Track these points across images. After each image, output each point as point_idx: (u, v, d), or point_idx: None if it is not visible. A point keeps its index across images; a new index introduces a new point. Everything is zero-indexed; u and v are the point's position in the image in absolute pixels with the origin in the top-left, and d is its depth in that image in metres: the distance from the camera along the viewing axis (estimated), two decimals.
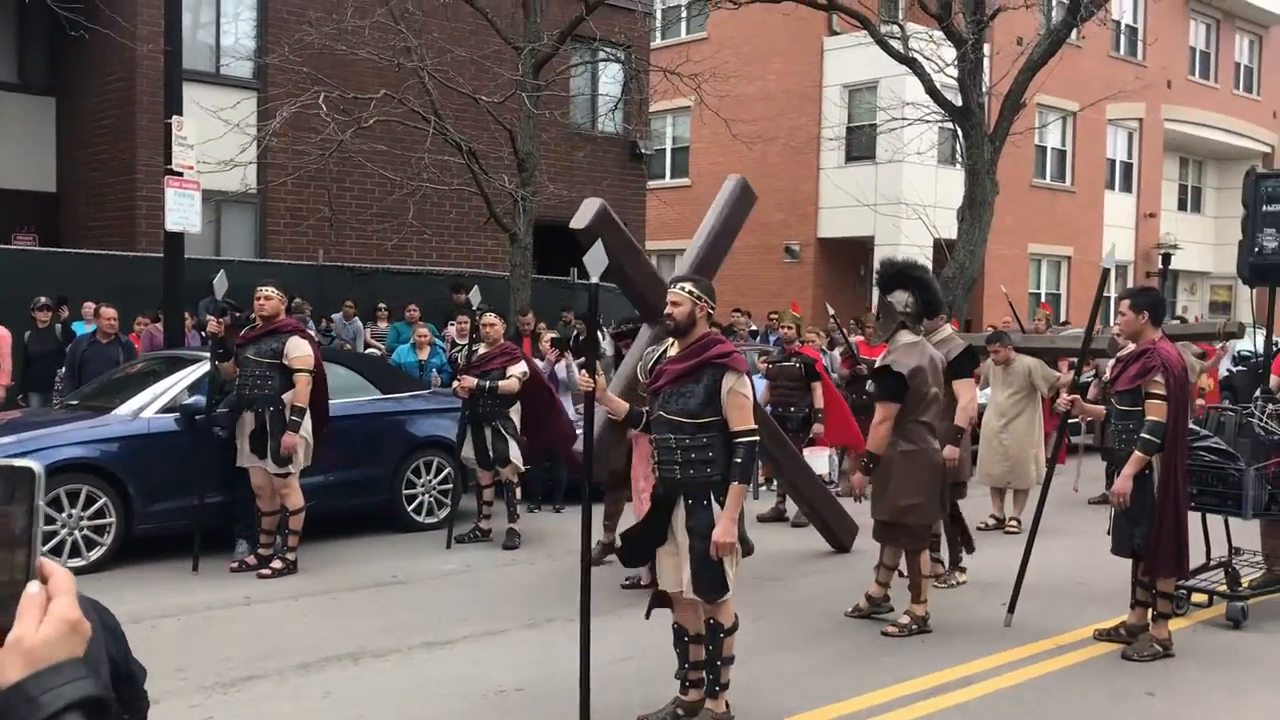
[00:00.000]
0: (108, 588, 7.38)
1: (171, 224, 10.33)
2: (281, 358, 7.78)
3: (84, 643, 1.12)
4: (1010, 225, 23.22)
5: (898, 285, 6.63)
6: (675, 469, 4.71)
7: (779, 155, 24.20)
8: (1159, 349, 6.08)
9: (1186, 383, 6.28)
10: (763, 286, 24.92)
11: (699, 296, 4.81)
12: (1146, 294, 6.50)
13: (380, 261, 16.40)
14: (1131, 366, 6.14)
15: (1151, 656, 6.09)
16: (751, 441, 4.63)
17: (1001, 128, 16.01)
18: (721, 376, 4.67)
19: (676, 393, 4.73)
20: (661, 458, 4.78)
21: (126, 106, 15.11)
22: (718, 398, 4.65)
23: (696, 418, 4.67)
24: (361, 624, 6.54)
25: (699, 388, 4.68)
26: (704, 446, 4.66)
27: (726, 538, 4.58)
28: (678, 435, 4.70)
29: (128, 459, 7.97)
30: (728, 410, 4.65)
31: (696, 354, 4.75)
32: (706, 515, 4.64)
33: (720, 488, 4.64)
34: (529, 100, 13.53)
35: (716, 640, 4.78)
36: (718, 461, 4.66)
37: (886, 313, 6.59)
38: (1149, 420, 5.96)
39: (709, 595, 4.68)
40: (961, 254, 16.12)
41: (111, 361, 10.36)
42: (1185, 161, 32.51)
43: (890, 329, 6.53)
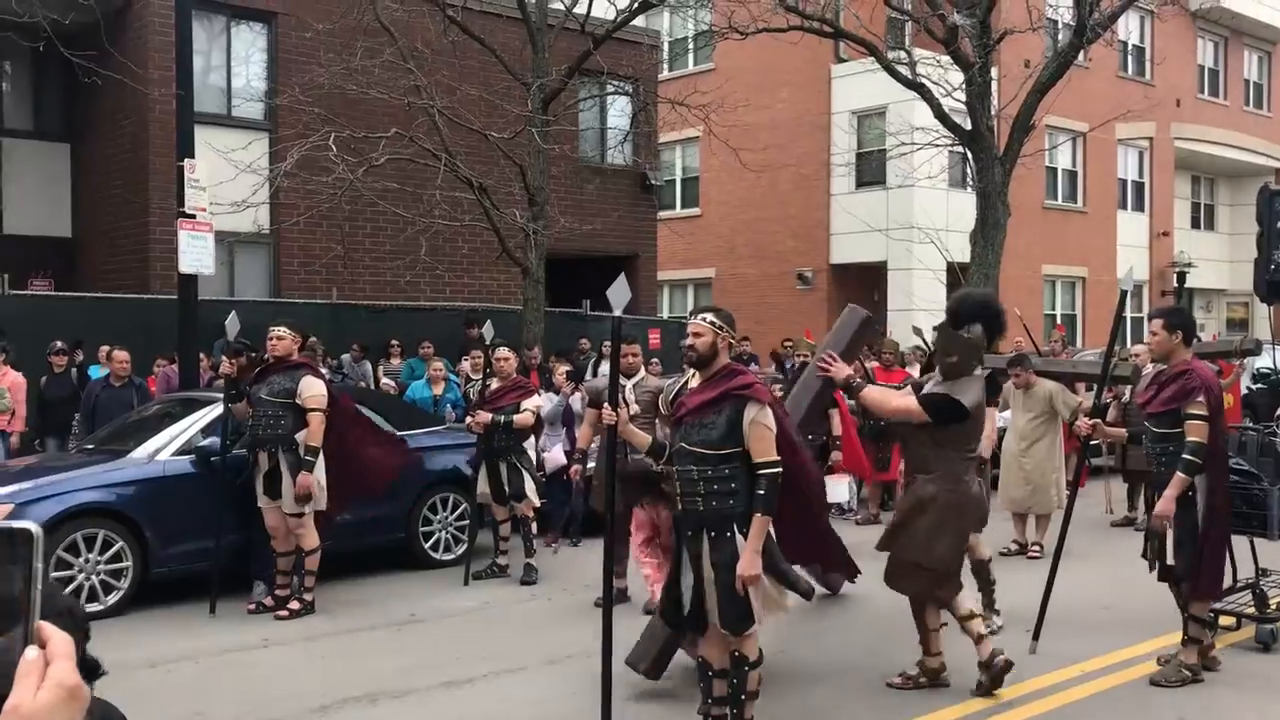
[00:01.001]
0: (124, 632, 7.37)
1: (185, 266, 10.39)
2: (295, 397, 7.78)
3: (83, 710, 1.09)
4: (1023, 247, 23.15)
5: (976, 319, 5.96)
6: (698, 500, 4.67)
7: (789, 183, 24.24)
8: (1197, 370, 6.06)
9: (1223, 403, 6.21)
10: (776, 314, 24.90)
11: (720, 327, 4.78)
12: (1178, 313, 6.43)
13: (393, 298, 16.44)
14: (1167, 388, 6.05)
15: (1180, 682, 5.99)
16: (775, 473, 4.58)
17: (1012, 150, 15.99)
18: (744, 407, 4.63)
19: (699, 424, 4.70)
20: (684, 489, 4.73)
21: (139, 150, 15.24)
22: (740, 428, 4.62)
23: (719, 449, 4.63)
24: (380, 664, 6.49)
25: (721, 419, 4.65)
26: (726, 478, 4.62)
27: (751, 570, 4.53)
28: (700, 467, 4.66)
29: (144, 502, 7.96)
30: (750, 441, 4.61)
31: (718, 385, 4.72)
32: (730, 547, 4.60)
33: (744, 519, 4.59)
34: (538, 135, 13.59)
35: (741, 673, 4.73)
36: (741, 493, 4.62)
37: (966, 349, 5.78)
38: (1190, 441, 5.87)
39: (735, 627, 4.64)
40: (975, 277, 16.06)
41: (126, 404, 10.38)
42: (1197, 179, 32.43)
43: (971, 366, 5.79)
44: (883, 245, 23.28)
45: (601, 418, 7.86)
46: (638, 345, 7.96)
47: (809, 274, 25.33)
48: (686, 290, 27.69)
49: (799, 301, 25.15)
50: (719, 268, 26.74)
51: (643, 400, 7.68)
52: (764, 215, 25.53)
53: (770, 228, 25.63)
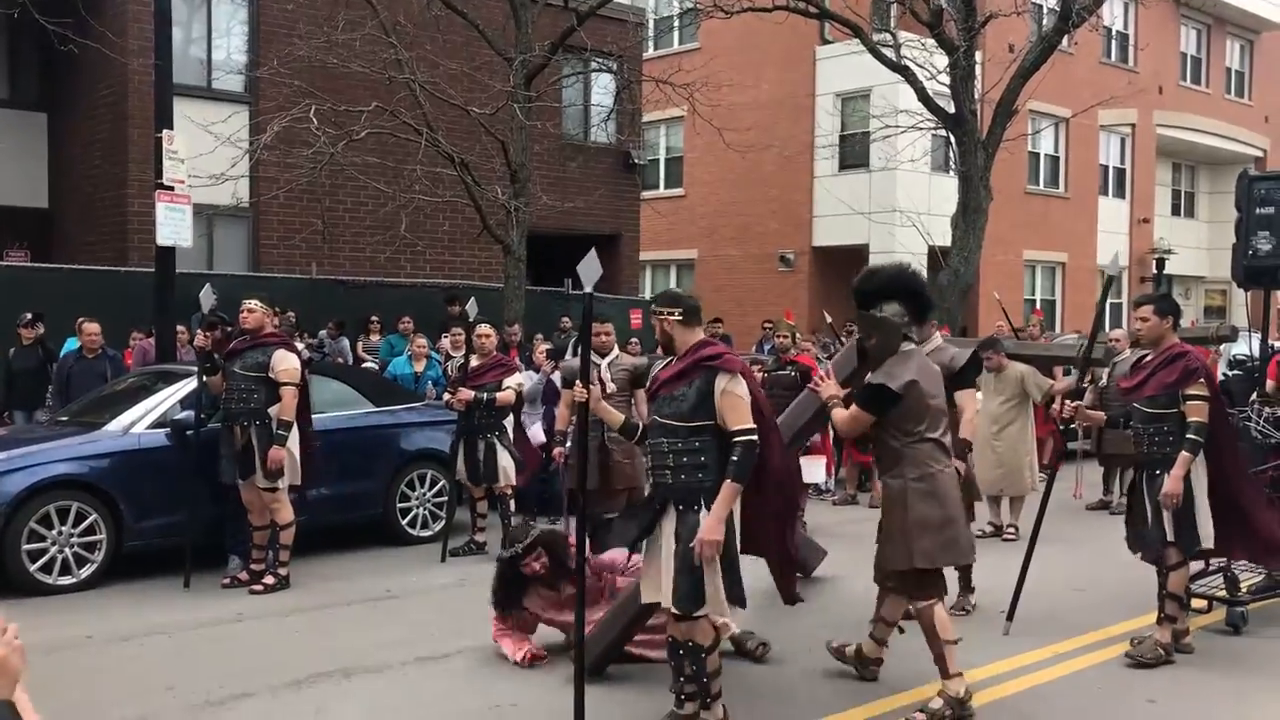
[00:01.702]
0: (98, 605, 7.34)
1: (163, 238, 10.29)
2: (268, 371, 7.73)
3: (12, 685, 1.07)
4: (1004, 232, 23.21)
5: (888, 296, 5.47)
6: (667, 474, 4.63)
7: (772, 164, 24.20)
8: (1194, 352, 6.21)
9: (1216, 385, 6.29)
10: (757, 296, 24.91)
11: (660, 311, 4.80)
12: (1167, 299, 6.51)
13: (373, 274, 16.36)
14: (1161, 371, 6.14)
15: (1155, 661, 6.05)
16: (750, 440, 4.50)
17: (994, 134, 16.01)
18: (714, 378, 4.59)
19: (670, 397, 4.67)
20: (654, 463, 4.71)
21: (118, 121, 15.09)
22: (710, 399, 4.57)
23: (689, 421, 4.59)
24: (355, 639, 6.47)
25: (691, 390, 4.61)
26: (696, 451, 4.57)
27: (711, 535, 4.44)
28: (670, 440, 4.62)
29: (118, 475, 7.90)
30: (723, 412, 4.56)
31: (687, 357, 4.71)
32: (694, 521, 4.53)
33: (711, 494, 4.52)
34: (521, 111, 13.52)
35: (698, 660, 4.66)
36: (710, 467, 4.56)
37: (883, 329, 5.35)
38: (1194, 421, 5.99)
39: (683, 605, 4.53)
40: (956, 261, 16.11)
41: (98, 376, 10.30)
42: (1178, 166, 32.56)
43: (895, 343, 5.35)
44: (865, 228, 23.29)
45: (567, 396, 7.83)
46: (610, 324, 7.92)
47: (791, 256, 25.34)
48: (669, 271, 27.66)
49: (780, 283, 25.17)
50: (701, 249, 26.71)
51: (618, 379, 7.68)
52: (747, 196, 25.50)
53: (753, 209, 25.61)
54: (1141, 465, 6.30)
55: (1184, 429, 6.02)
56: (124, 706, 5.37)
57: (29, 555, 7.49)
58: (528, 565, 5.91)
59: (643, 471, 7.61)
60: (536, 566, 5.91)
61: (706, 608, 4.54)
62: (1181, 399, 6.05)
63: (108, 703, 5.41)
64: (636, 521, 4.89)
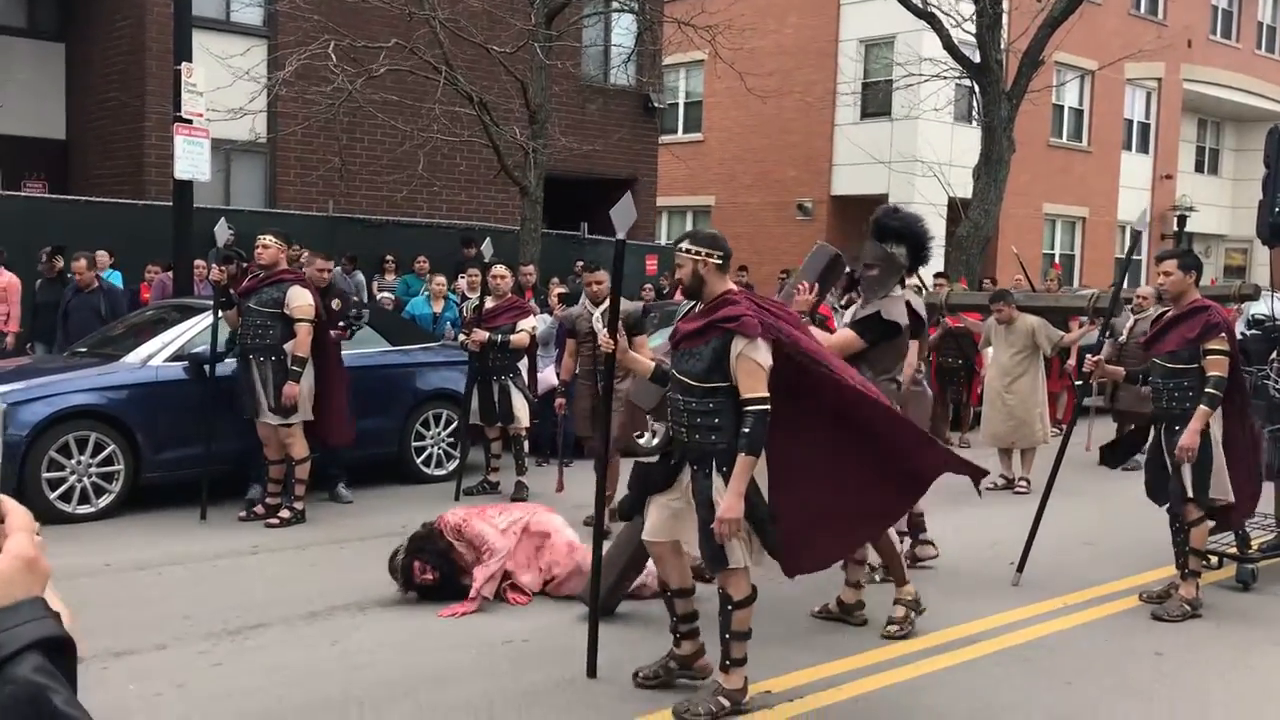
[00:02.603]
0: (115, 534, 7.43)
1: (180, 172, 10.28)
2: (282, 307, 7.74)
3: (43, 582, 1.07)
4: (1025, 184, 23.00)
5: (901, 238, 5.82)
6: (683, 432, 4.53)
7: (793, 110, 23.96)
8: (1215, 307, 6.24)
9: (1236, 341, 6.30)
10: (775, 244, 24.78)
11: (697, 252, 4.54)
12: (1190, 254, 6.51)
13: (390, 213, 16.32)
14: (1182, 326, 6.14)
15: (1181, 616, 6.11)
16: (762, 410, 4.31)
17: (1019, 85, 15.81)
18: (730, 341, 4.39)
19: (687, 353, 4.53)
20: (673, 419, 4.62)
21: (136, 53, 14.99)
22: (726, 362, 4.40)
23: (703, 381, 4.44)
24: (369, 574, 6.53)
25: (707, 350, 4.44)
26: (710, 412, 4.43)
27: (730, 514, 4.30)
28: (686, 398, 4.50)
29: (136, 407, 7.97)
30: (738, 376, 4.38)
31: (706, 314, 4.51)
32: (706, 485, 4.43)
33: (725, 456, 4.38)
34: (541, 51, 13.38)
35: (725, 613, 4.54)
36: (724, 429, 4.40)
37: (889, 264, 5.70)
38: (1213, 375, 6.00)
39: (710, 567, 4.53)
40: (976, 213, 15.98)
41: (93, 310, 10.30)
42: (1204, 123, 32.13)
43: (891, 283, 5.71)
44: (884, 177, 23.09)
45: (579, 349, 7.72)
46: (603, 273, 7.85)
47: (809, 204, 25.17)
48: (686, 217, 27.52)
49: (798, 232, 25.01)
50: (719, 195, 26.55)
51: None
52: (767, 143, 25.28)
53: (772, 156, 25.39)
54: (1160, 420, 6.29)
55: (1204, 384, 6.01)
56: (141, 633, 5.45)
57: (49, 484, 7.57)
58: (422, 580, 6.04)
59: (637, 421, 7.65)
60: (430, 578, 6.03)
61: (732, 564, 4.45)
62: (1202, 354, 6.05)
63: (125, 629, 5.49)
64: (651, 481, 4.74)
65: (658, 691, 4.79)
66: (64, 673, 1.05)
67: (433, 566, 6.04)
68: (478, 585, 5.98)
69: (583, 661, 4.99)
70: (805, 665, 5.20)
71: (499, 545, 6.08)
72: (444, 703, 4.67)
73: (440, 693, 4.78)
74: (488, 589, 6.00)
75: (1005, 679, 5.17)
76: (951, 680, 5.14)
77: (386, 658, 5.21)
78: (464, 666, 5.12)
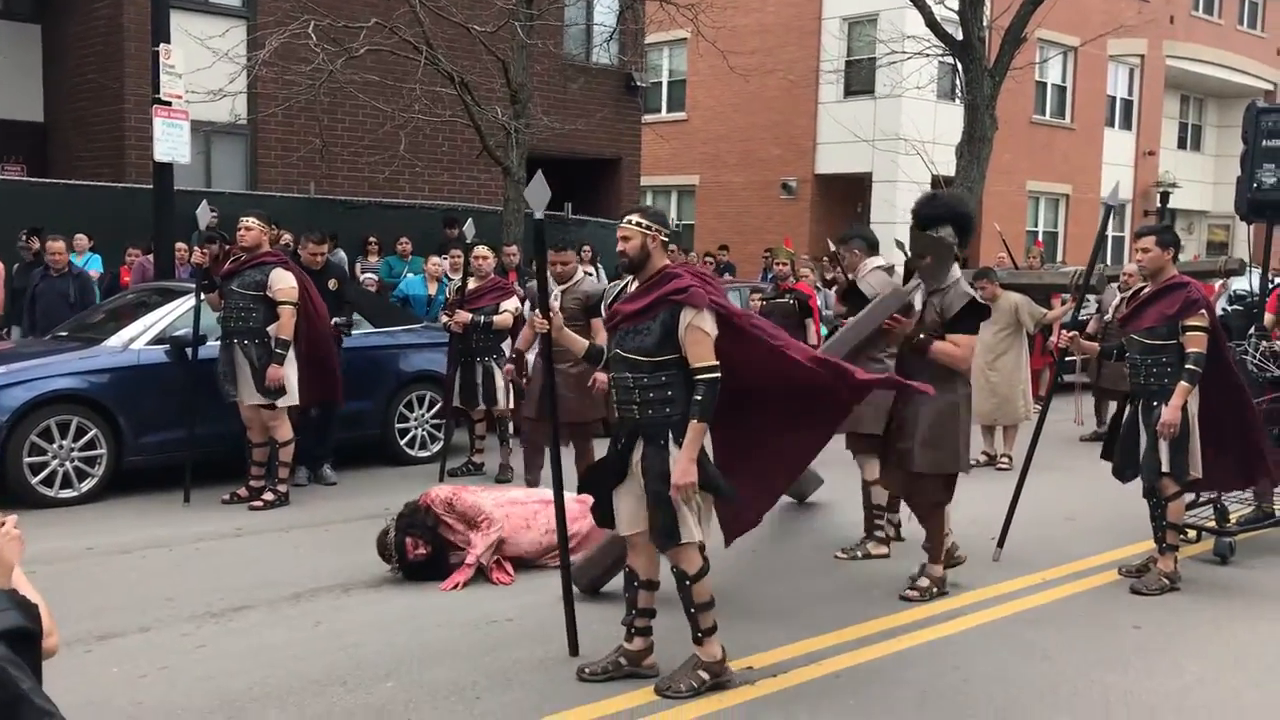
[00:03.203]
0: (98, 518, 7.43)
1: (160, 154, 10.21)
2: (265, 290, 7.72)
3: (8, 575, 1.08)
4: (1008, 162, 23.04)
5: (943, 220, 5.94)
6: (634, 409, 4.52)
7: (777, 89, 23.93)
8: (1194, 284, 6.25)
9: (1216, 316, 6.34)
10: (759, 223, 24.79)
11: (648, 227, 4.55)
12: (1169, 231, 6.53)
13: (371, 195, 16.26)
14: (1160, 302, 6.17)
15: (1160, 590, 6.17)
16: (713, 378, 4.39)
17: (1002, 62, 15.79)
18: (679, 312, 4.44)
19: (633, 330, 4.53)
20: (620, 398, 4.59)
21: (113, 34, 14.87)
22: (675, 334, 4.44)
23: (654, 356, 4.46)
24: (354, 556, 6.55)
25: (655, 324, 4.46)
26: (662, 385, 4.46)
27: (685, 478, 4.38)
28: (635, 375, 4.50)
29: (117, 390, 7.95)
30: (686, 347, 4.44)
31: (652, 290, 4.52)
32: (662, 456, 4.45)
33: (680, 428, 4.43)
34: (522, 30, 13.31)
35: (684, 589, 4.59)
36: (677, 401, 4.46)
37: (939, 249, 5.80)
38: (1192, 351, 6.04)
39: (663, 542, 4.52)
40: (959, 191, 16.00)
41: (61, 295, 10.21)
42: (1186, 99, 32.22)
43: (950, 264, 5.82)
44: (868, 156, 23.11)
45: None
46: (569, 254, 7.67)
47: (793, 183, 25.16)
48: (670, 196, 27.50)
49: (782, 211, 25.03)
50: (703, 175, 26.52)
51: (570, 307, 7.38)
52: (751, 122, 25.25)
53: (756, 135, 25.37)
54: (1138, 396, 6.33)
55: (1183, 360, 6.05)
56: (124, 616, 5.45)
57: (30, 468, 7.55)
58: (415, 555, 6.10)
59: (590, 406, 7.60)
60: (423, 553, 6.10)
61: (685, 539, 4.50)
62: (1181, 330, 6.08)
63: (108, 612, 5.49)
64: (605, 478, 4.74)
65: None
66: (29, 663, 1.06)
67: (425, 541, 6.10)
68: (476, 553, 6.06)
69: (566, 640, 5.02)
70: (787, 641, 5.24)
71: (496, 515, 6.17)
72: (428, 682, 4.70)
73: (424, 672, 4.80)
74: (486, 557, 6.09)
75: (986, 653, 5.22)
76: (932, 654, 5.19)
77: (370, 638, 5.23)
78: (448, 646, 5.14)
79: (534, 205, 4.76)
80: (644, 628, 4.79)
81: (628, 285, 4.75)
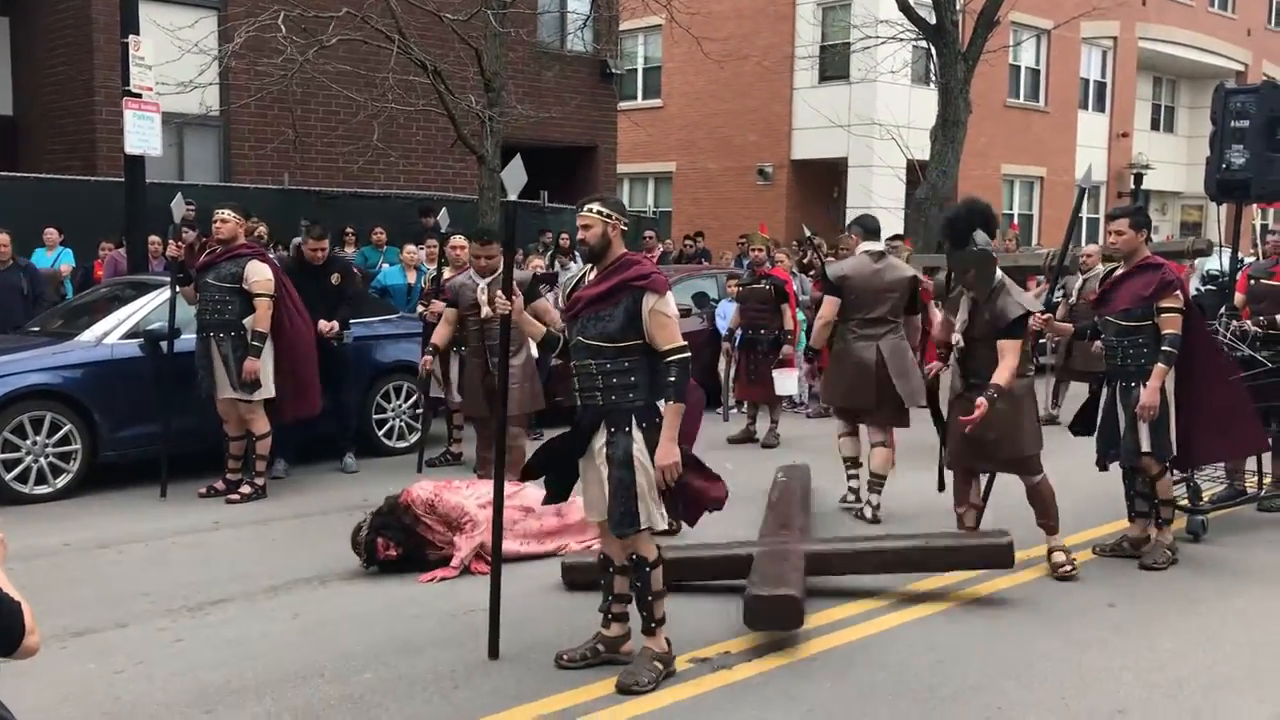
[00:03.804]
0: (74, 514, 7.39)
1: (131, 147, 10.14)
2: (241, 282, 7.69)
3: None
4: (983, 145, 23.13)
5: (976, 225, 6.12)
6: (597, 395, 4.54)
7: (752, 75, 23.93)
8: (1167, 265, 6.32)
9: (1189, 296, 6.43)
10: (735, 209, 24.80)
11: (609, 215, 4.58)
12: (1141, 212, 6.59)
13: (346, 185, 16.18)
14: (1134, 283, 6.22)
15: (1167, 562, 6.32)
16: (684, 359, 4.44)
17: (975, 46, 15.87)
18: (642, 297, 4.48)
19: (595, 317, 4.54)
20: (582, 384, 4.60)
21: (82, 26, 14.74)
22: (639, 319, 4.47)
23: (617, 341, 4.48)
24: (331, 547, 6.54)
25: (618, 310, 4.49)
26: (625, 371, 4.49)
27: (668, 458, 4.42)
28: (598, 361, 4.52)
29: (92, 385, 7.90)
30: (652, 331, 4.47)
31: (612, 276, 4.55)
32: (626, 442, 4.48)
33: (643, 413, 4.48)
34: (494, 18, 13.26)
35: (643, 575, 4.61)
36: (640, 386, 4.49)
37: (981, 262, 6.05)
38: (1168, 333, 6.11)
39: (619, 529, 4.53)
40: (934, 175, 16.07)
41: (14, 288, 10.10)
42: (1159, 81, 32.39)
43: (994, 270, 6.09)
44: (844, 141, 23.16)
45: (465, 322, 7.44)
46: (495, 245, 7.43)
47: (769, 169, 25.19)
48: (647, 184, 27.48)
49: (759, 197, 25.06)
50: (679, 161, 26.51)
51: None
52: (726, 108, 25.25)
53: (732, 121, 25.37)
54: (1115, 378, 6.38)
55: (1159, 341, 6.10)
56: (101, 612, 5.44)
57: (4, 465, 7.51)
58: (385, 556, 6.09)
59: (529, 398, 7.52)
60: (393, 554, 6.09)
61: (644, 524, 4.52)
62: (1155, 311, 6.13)
63: (85, 608, 5.48)
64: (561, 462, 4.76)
65: None
66: None
67: (396, 543, 6.09)
68: (461, 555, 6.08)
69: (546, 629, 5.04)
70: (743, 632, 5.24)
71: (480, 517, 6.12)
72: (407, 673, 4.70)
73: (403, 663, 4.81)
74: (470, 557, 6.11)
75: (962, 633, 5.27)
76: (908, 635, 5.23)
77: (349, 629, 5.23)
78: (426, 637, 5.15)
79: (510, 188, 4.74)
80: (620, 613, 4.80)
81: (587, 274, 4.76)
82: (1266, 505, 7.61)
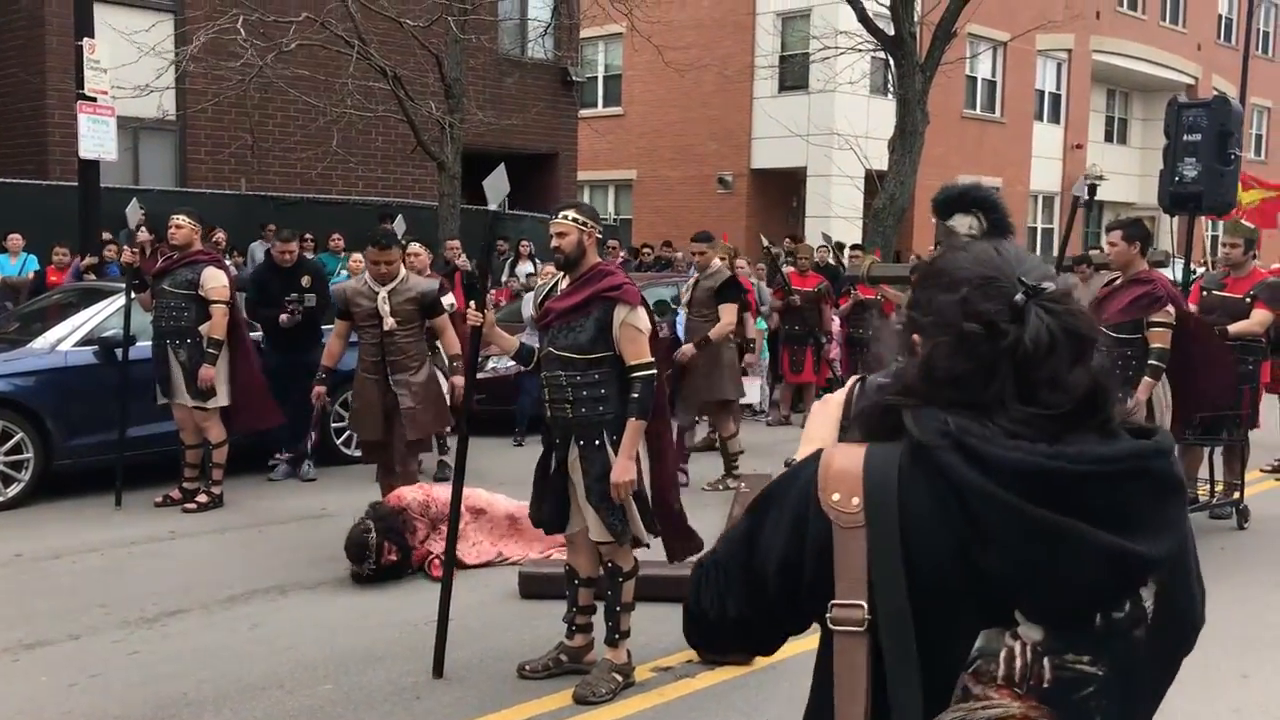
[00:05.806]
0: (27, 524, 7.27)
1: (85, 151, 10.03)
2: (197, 289, 7.60)
3: None
4: (940, 155, 23.32)
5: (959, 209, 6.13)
6: (567, 408, 4.49)
7: (712, 84, 24.01)
8: (1160, 280, 6.41)
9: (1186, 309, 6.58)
10: (695, 218, 24.83)
11: (584, 223, 4.51)
12: (1137, 225, 6.67)
13: (304, 191, 16.06)
14: (1124, 295, 6.29)
15: None
16: (649, 375, 4.40)
17: (933, 57, 16.00)
18: (613, 309, 4.42)
19: (566, 328, 4.48)
20: (552, 396, 4.54)
21: (35, 28, 14.54)
22: (609, 332, 4.42)
23: (588, 353, 4.44)
24: (290, 557, 6.49)
25: (589, 322, 4.43)
26: (595, 383, 4.44)
27: (625, 476, 4.37)
28: (568, 372, 4.46)
29: (45, 393, 7.77)
30: (621, 344, 4.41)
31: (585, 287, 4.48)
32: (600, 456, 4.44)
33: (614, 426, 4.43)
34: (455, 24, 13.24)
35: (615, 584, 4.59)
36: (611, 399, 4.44)
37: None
38: (1156, 347, 6.21)
39: (604, 538, 4.52)
40: (892, 185, 16.18)
41: None
42: (1112, 93, 32.86)
43: None
44: (803, 151, 23.28)
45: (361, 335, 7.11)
46: (394, 251, 6.77)
47: (729, 178, 25.29)
48: (607, 191, 27.49)
49: (719, 205, 25.13)
50: (640, 169, 26.55)
51: (402, 310, 6.61)
52: (686, 117, 25.32)
53: (692, 130, 25.45)
54: None
55: (1147, 355, 6.21)
56: (55, 624, 5.35)
57: None
58: (387, 560, 6.04)
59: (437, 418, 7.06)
60: (394, 558, 6.07)
61: (628, 536, 4.53)
62: (1145, 325, 6.24)
63: (38, 620, 5.38)
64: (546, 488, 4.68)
65: None
66: None
67: (398, 547, 6.09)
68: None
69: (508, 638, 5.02)
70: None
71: (469, 513, 6.25)
72: (367, 684, 4.67)
73: (364, 674, 4.78)
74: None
75: None
76: None
77: (308, 640, 5.18)
78: (387, 647, 5.11)
79: (491, 197, 4.69)
80: (585, 624, 4.79)
81: (558, 283, 4.70)
82: (1217, 513, 7.73)
